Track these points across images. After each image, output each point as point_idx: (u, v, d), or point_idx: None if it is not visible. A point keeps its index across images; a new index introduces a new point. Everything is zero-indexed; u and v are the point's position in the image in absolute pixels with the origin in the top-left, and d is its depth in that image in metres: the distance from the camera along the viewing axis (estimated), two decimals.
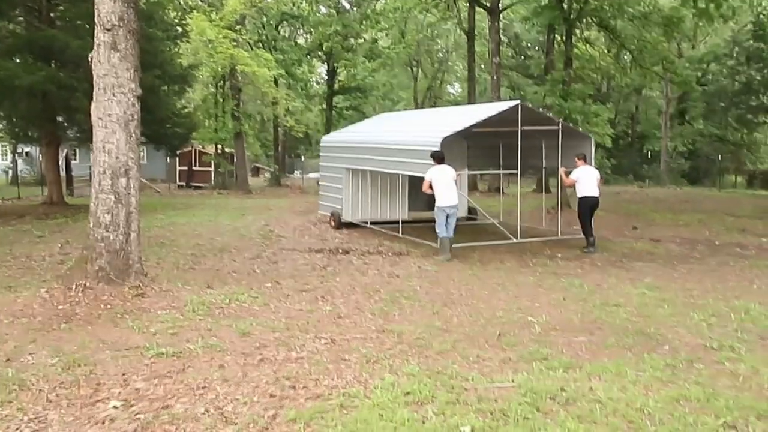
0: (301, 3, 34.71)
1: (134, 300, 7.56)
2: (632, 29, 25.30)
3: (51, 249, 12.64)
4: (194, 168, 39.92)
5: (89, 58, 7.81)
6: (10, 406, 4.68)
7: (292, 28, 40.30)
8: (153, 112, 18.76)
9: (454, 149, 12.60)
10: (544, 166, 15.13)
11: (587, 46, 26.80)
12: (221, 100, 34.50)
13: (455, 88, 53.83)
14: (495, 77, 24.91)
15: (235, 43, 28.32)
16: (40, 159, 31.73)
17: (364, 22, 32.28)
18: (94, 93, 7.80)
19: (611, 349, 6.21)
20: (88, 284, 7.66)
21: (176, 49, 21.59)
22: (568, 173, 13.22)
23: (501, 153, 15.62)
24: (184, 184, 39.23)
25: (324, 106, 42.38)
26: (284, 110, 33.09)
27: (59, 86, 16.99)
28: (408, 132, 14.29)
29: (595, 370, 5.49)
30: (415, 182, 13.69)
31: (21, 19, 20.30)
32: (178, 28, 21.66)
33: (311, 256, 11.95)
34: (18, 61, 18.70)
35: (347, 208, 15.29)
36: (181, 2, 31.64)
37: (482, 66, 39.71)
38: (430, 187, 11.83)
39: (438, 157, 11.84)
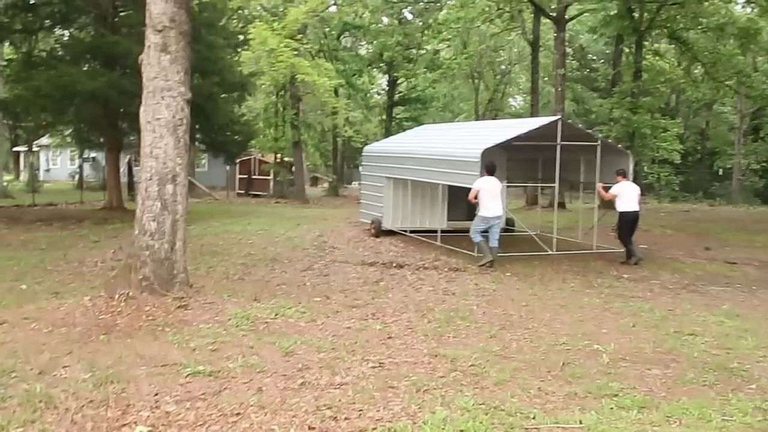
0: (363, 13, 34.51)
1: (177, 312, 7.25)
2: (704, 41, 24.22)
3: (104, 255, 12.59)
4: (253, 176, 40.15)
5: (139, 61, 7.58)
6: (33, 427, 4.37)
7: (354, 38, 40.22)
8: (211, 119, 18.78)
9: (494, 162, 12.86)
10: (582, 180, 15.17)
11: (657, 58, 25.78)
12: (281, 109, 34.58)
13: (517, 101, 52.88)
14: (559, 89, 24.09)
15: (296, 53, 28.30)
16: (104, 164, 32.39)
17: (425, 32, 31.87)
18: (143, 96, 7.56)
19: (690, 386, 5.57)
20: (131, 294, 7.39)
21: (237, 57, 21.58)
22: (606, 188, 13.25)
23: (540, 167, 15.72)
24: (243, 192, 39.52)
25: (384, 116, 42.14)
26: (343, 120, 32.94)
27: (120, 92, 17.11)
28: (449, 143, 14.56)
29: (674, 411, 4.88)
30: (455, 192, 14.28)
31: (90, 28, 20.67)
32: (240, 36, 21.64)
33: (364, 270, 11.54)
34: (84, 67, 18.99)
35: (387, 216, 15.46)
36: (245, 12, 31.94)
37: (545, 78, 38.85)
38: (476, 196, 12.02)
39: (489, 169, 12.10)
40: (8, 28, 19.51)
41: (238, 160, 38.73)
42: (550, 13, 23.97)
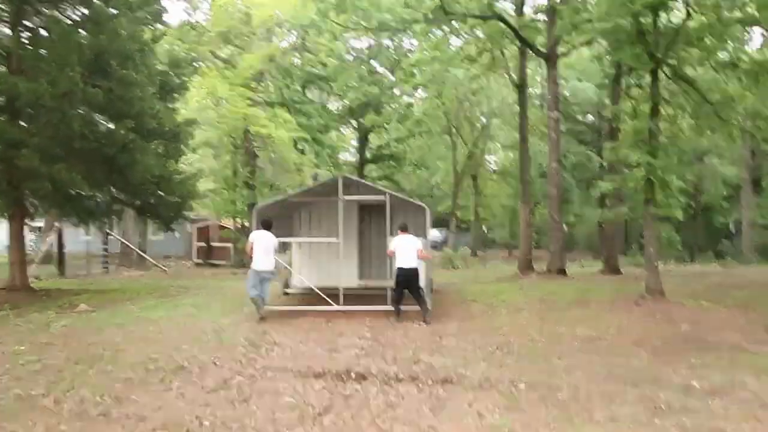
0: (326, 62, 31.19)
1: None
2: (708, 80, 21.06)
3: None
4: (212, 244, 36.36)
5: None
6: None
7: (320, 90, 36.91)
8: (126, 174, 14.92)
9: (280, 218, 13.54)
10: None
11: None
12: (240, 168, 30.88)
13: (497, 156, 49.55)
14: (554, 136, 20.69)
15: (250, 102, 24.79)
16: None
17: (397, 72, 28.65)
18: None
19: None
20: None
21: (170, 104, 17.82)
22: None
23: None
24: (202, 261, 35.65)
25: (356, 175, 38.74)
26: (310, 179, 29.34)
27: (17, 144, 13.46)
28: None
29: None
30: (368, 250, 15.37)
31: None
32: (175, 78, 17.93)
33: (305, 387, 7.60)
34: None
35: (296, 275, 15.25)
36: (195, 65, 28.41)
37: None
38: (251, 250, 12.23)
39: (264, 224, 12.44)
40: None
41: (196, 227, 35.11)
42: (540, 49, 20.77)
